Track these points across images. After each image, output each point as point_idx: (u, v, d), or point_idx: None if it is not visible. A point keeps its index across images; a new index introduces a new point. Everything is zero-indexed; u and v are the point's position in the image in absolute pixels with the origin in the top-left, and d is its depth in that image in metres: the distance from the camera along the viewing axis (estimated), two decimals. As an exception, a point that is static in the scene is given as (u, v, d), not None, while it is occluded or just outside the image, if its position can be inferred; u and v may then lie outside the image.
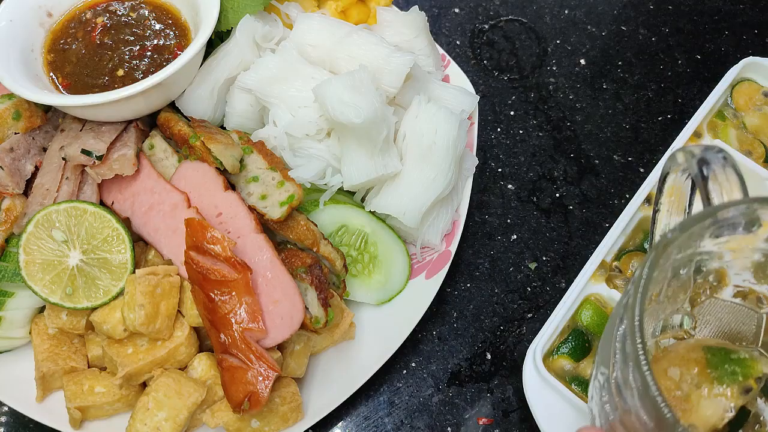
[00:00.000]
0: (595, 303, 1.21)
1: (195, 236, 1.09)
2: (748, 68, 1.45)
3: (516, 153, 1.55)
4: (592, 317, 1.20)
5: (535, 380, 1.13)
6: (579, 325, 1.19)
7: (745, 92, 1.44)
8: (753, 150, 1.36)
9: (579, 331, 1.19)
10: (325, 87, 1.19)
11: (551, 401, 1.11)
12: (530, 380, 1.13)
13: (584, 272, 1.21)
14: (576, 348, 1.17)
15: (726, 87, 1.42)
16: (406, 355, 1.29)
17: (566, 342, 1.18)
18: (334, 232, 1.27)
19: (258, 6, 1.32)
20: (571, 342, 1.18)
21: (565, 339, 1.18)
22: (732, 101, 1.43)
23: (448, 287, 1.37)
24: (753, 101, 1.43)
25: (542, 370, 1.12)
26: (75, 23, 1.34)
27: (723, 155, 0.81)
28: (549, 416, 1.10)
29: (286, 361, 1.15)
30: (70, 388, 1.12)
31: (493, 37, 1.74)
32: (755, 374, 0.80)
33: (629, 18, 1.77)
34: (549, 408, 1.11)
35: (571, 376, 1.16)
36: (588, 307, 1.21)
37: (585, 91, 1.65)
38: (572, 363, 1.17)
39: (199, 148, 1.20)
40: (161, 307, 1.10)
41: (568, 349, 1.17)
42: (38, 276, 1.12)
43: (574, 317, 1.20)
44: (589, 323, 1.19)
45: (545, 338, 1.15)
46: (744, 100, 1.43)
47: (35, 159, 1.25)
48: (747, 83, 1.45)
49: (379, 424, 1.23)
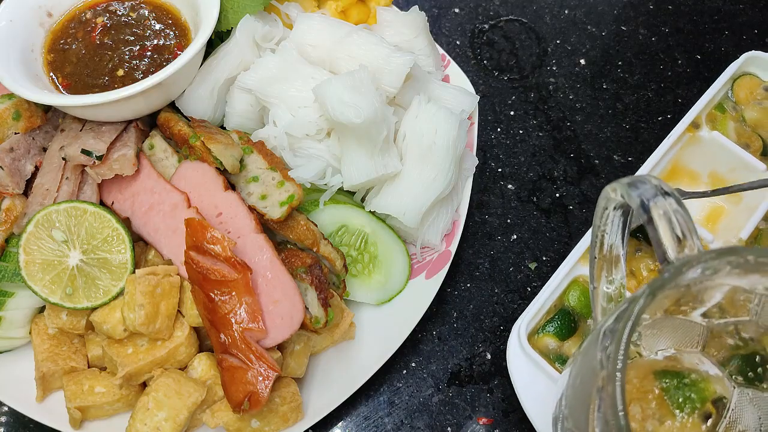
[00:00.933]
0: (584, 284, 1.21)
1: (195, 236, 1.09)
2: (749, 62, 1.45)
3: (516, 153, 1.55)
4: (579, 298, 1.20)
5: (519, 357, 1.13)
6: (566, 305, 1.20)
7: (746, 86, 1.44)
8: (751, 143, 1.37)
9: (566, 310, 1.19)
10: (325, 87, 1.19)
11: (534, 378, 1.12)
12: (514, 357, 1.13)
13: (574, 253, 1.21)
14: (562, 327, 1.17)
15: (727, 80, 1.41)
16: (406, 355, 1.29)
17: (552, 321, 1.18)
18: (334, 232, 1.27)
19: (258, 6, 1.32)
20: (557, 321, 1.18)
21: (551, 318, 1.18)
22: (732, 94, 1.43)
23: (448, 287, 1.37)
24: (753, 95, 1.43)
25: (526, 347, 1.12)
26: (75, 23, 1.34)
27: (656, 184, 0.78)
28: (531, 393, 1.11)
29: (286, 361, 1.15)
30: (70, 388, 1.12)
31: (493, 37, 1.74)
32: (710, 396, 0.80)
33: (629, 18, 1.77)
34: (532, 385, 1.11)
35: (555, 354, 1.16)
36: (576, 288, 1.21)
37: (585, 91, 1.65)
38: (557, 342, 1.17)
39: (199, 148, 1.20)
40: (161, 307, 1.10)
41: (554, 329, 1.17)
42: (38, 276, 1.12)
43: (562, 297, 1.20)
44: (576, 304, 1.20)
45: (530, 315, 1.15)
46: (744, 94, 1.43)
47: (35, 159, 1.25)
48: (748, 77, 1.44)
49: (379, 424, 1.23)
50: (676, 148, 1.34)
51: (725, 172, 1.35)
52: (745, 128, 1.39)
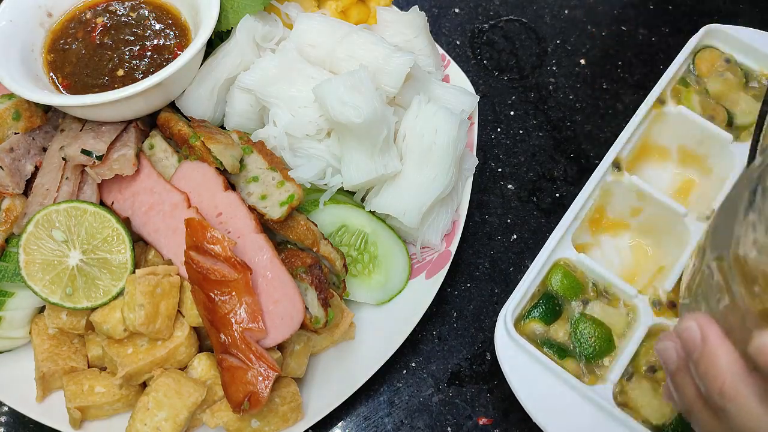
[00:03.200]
0: (564, 267, 1.21)
1: (195, 236, 1.09)
2: (709, 35, 1.45)
3: (516, 153, 1.55)
4: (562, 281, 1.20)
5: (507, 344, 1.13)
6: (549, 289, 1.20)
7: (707, 59, 1.44)
8: (716, 115, 1.37)
9: (549, 294, 1.19)
10: (325, 87, 1.19)
11: (523, 362, 1.12)
12: (502, 345, 1.13)
13: (553, 236, 1.21)
14: (547, 311, 1.17)
15: (688, 54, 1.42)
16: (406, 355, 1.29)
17: (537, 306, 1.18)
18: (334, 232, 1.27)
19: (258, 6, 1.32)
20: (542, 306, 1.18)
21: (535, 303, 1.18)
22: (695, 68, 1.43)
23: (448, 287, 1.37)
24: (715, 67, 1.43)
25: (513, 333, 1.12)
26: (75, 23, 1.34)
27: None
28: (522, 379, 1.11)
29: (286, 361, 1.15)
30: (70, 388, 1.12)
31: (493, 37, 1.74)
32: None
33: (629, 18, 1.77)
34: (521, 370, 1.11)
35: (542, 339, 1.16)
36: (558, 272, 1.21)
37: (585, 91, 1.65)
38: (543, 326, 1.17)
39: (199, 148, 1.20)
40: (161, 307, 1.10)
41: (539, 313, 1.17)
42: (38, 276, 1.12)
43: (545, 281, 1.20)
44: (559, 287, 1.20)
45: (515, 302, 1.15)
46: (706, 67, 1.43)
47: (35, 159, 1.25)
48: (708, 50, 1.45)
49: (379, 424, 1.23)
50: (643, 126, 1.35)
51: (694, 146, 1.37)
52: (709, 101, 1.39)
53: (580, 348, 1.16)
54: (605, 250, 1.32)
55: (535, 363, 1.12)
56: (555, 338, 1.17)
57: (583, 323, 1.17)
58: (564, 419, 1.08)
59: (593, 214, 1.30)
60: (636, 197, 1.29)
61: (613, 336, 1.17)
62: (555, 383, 1.10)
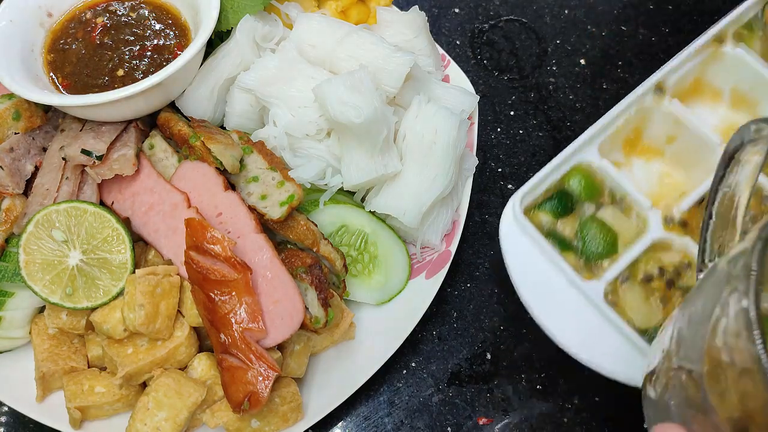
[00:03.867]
0: (586, 170, 1.20)
1: (195, 236, 1.09)
2: None
3: (516, 153, 1.55)
4: (580, 182, 1.19)
5: (512, 225, 1.12)
6: (566, 188, 1.19)
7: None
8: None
9: (565, 191, 1.18)
10: (325, 87, 1.19)
11: (523, 246, 1.11)
12: (507, 229, 1.12)
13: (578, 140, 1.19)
14: (559, 206, 1.16)
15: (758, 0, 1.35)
16: (406, 355, 1.29)
17: (550, 200, 1.17)
18: (334, 232, 1.27)
19: (258, 6, 1.32)
20: (555, 200, 1.17)
21: (549, 197, 1.17)
22: (763, 16, 1.39)
23: (448, 287, 1.37)
24: None
25: (520, 216, 1.11)
26: (75, 23, 1.34)
27: None
28: (519, 263, 1.11)
29: (286, 361, 1.15)
30: (70, 388, 1.12)
31: (493, 37, 1.74)
32: None
33: (629, 18, 1.77)
34: (521, 255, 1.11)
35: (548, 230, 1.15)
36: (577, 174, 1.19)
37: (585, 91, 1.65)
38: (552, 219, 1.16)
39: (199, 148, 1.20)
40: (161, 307, 1.10)
41: (551, 207, 1.16)
42: (38, 276, 1.12)
43: (562, 180, 1.19)
44: (576, 188, 1.19)
45: (528, 187, 1.14)
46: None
47: (35, 159, 1.25)
48: None
49: (379, 424, 1.23)
50: (696, 60, 1.31)
51: (747, 89, 1.31)
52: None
53: (584, 247, 1.14)
54: (635, 173, 1.28)
55: (535, 247, 1.11)
56: (561, 234, 1.16)
57: (592, 224, 1.16)
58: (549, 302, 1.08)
59: (629, 134, 1.27)
60: (673, 124, 1.26)
61: (618, 242, 1.15)
62: (549, 268, 1.10)
